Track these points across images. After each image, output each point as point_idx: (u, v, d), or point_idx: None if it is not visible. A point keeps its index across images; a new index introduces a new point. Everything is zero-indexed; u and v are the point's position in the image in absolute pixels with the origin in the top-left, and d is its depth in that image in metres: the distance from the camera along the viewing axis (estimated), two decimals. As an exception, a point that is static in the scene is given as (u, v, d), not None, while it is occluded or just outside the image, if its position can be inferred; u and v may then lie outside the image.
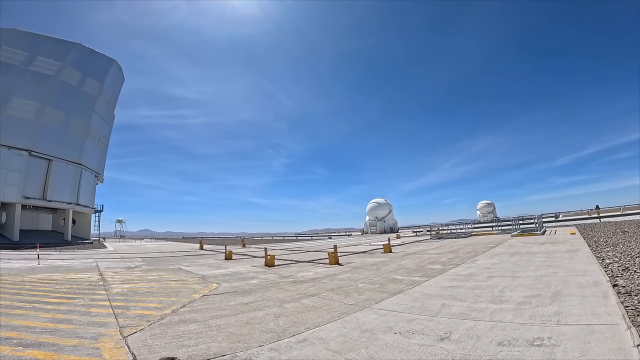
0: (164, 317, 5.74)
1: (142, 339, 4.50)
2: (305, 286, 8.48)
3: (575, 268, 8.10)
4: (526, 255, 11.49)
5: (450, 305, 5.61)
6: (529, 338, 3.83)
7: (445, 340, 3.98)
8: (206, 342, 4.34)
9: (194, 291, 8.30)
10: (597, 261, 8.77)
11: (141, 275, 11.91)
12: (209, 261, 17.36)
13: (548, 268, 8.45)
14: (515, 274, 7.99)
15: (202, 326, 5.13)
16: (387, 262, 12.64)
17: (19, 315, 5.75)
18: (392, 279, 8.74)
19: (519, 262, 9.88)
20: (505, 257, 11.37)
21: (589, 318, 4.33)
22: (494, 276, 8.00)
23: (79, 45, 46.23)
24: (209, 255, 21.54)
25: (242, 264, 15.26)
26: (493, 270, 8.83)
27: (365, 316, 5.36)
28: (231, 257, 18.27)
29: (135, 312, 6.15)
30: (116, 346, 4.22)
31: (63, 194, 41.95)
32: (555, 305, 5.06)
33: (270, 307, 6.36)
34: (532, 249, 13.30)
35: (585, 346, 3.44)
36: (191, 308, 6.44)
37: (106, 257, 21.43)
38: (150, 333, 4.79)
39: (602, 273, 7.15)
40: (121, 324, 5.29)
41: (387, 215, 62.33)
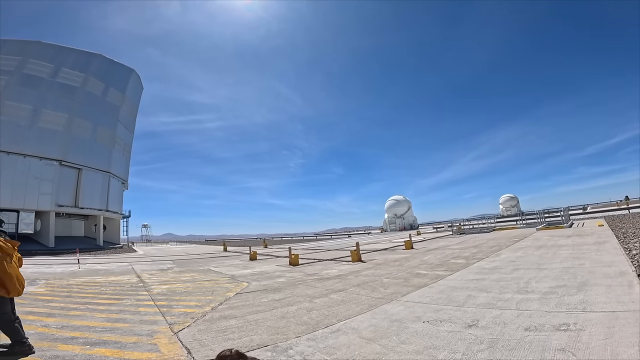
0: (206, 314, 6.20)
1: (191, 334, 4.95)
2: (331, 282, 8.81)
3: (602, 259, 8.06)
4: (552, 248, 11.39)
5: (476, 297, 5.80)
6: (555, 324, 4.01)
7: (473, 327, 4.22)
8: (248, 335, 4.74)
9: (228, 290, 8.78)
10: (624, 252, 8.66)
11: (175, 276, 12.58)
12: (235, 262, 17.98)
13: (574, 260, 8.44)
14: (541, 266, 8.04)
15: (241, 321, 5.54)
16: (410, 258, 12.81)
17: (76, 316, 6.35)
18: (416, 274, 8.95)
19: (545, 255, 9.86)
20: (530, 251, 11.32)
21: (614, 305, 4.45)
22: (519, 269, 8.08)
23: (100, 56, 48.27)
24: (234, 257, 22.23)
25: (267, 263, 15.76)
26: (518, 263, 8.88)
27: (393, 308, 5.64)
28: (256, 257, 18.84)
29: (178, 310, 6.66)
30: (170, 341, 4.68)
31: (93, 201, 44.06)
32: (581, 295, 5.18)
33: (301, 302, 6.73)
34: (558, 241, 13.13)
35: (610, 330, 3.60)
36: (228, 305, 6.89)
37: (138, 260, 22.49)
38: (197, 329, 5.24)
39: (628, 264, 7.12)
40: (169, 321, 5.78)
41: (406, 212, 61.86)
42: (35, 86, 39.62)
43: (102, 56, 48.77)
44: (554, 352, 3.21)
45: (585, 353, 3.10)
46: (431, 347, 3.71)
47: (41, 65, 40.96)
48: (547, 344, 3.43)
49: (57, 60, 42.57)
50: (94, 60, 46.86)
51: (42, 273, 14.22)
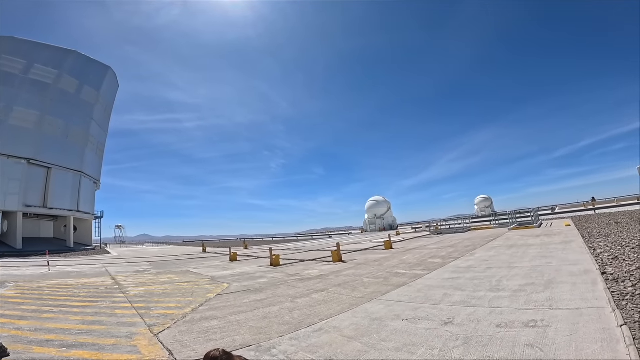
0: (186, 315, 6.14)
1: (172, 336, 4.91)
2: (313, 283, 8.90)
3: (568, 258, 8.57)
4: (522, 247, 11.97)
5: (452, 295, 6.05)
6: (524, 320, 4.27)
7: (449, 324, 4.42)
8: (231, 336, 4.76)
9: (208, 291, 8.70)
10: (589, 251, 9.23)
11: (152, 278, 12.28)
12: (214, 263, 17.74)
13: (543, 259, 8.92)
14: (512, 265, 8.45)
15: (223, 322, 5.54)
16: (389, 258, 13.09)
17: (50, 319, 6.13)
18: (396, 273, 9.18)
19: (516, 254, 10.35)
20: (502, 250, 11.84)
21: (578, 302, 4.76)
22: (491, 267, 8.46)
23: (75, 53, 46.35)
24: (214, 258, 21.90)
25: (247, 264, 15.65)
26: (491, 262, 9.29)
27: (373, 307, 5.80)
28: (236, 258, 18.66)
29: (157, 312, 6.55)
30: (150, 343, 4.62)
31: (63, 201, 42.13)
32: (548, 292, 5.50)
33: (283, 302, 6.78)
34: (528, 241, 13.79)
35: (574, 327, 3.87)
36: (209, 306, 6.84)
37: (112, 262, 21.74)
38: (177, 330, 5.20)
39: (593, 262, 7.61)
40: (148, 323, 5.69)
41: (386, 212, 62.82)
42: (6, 83, 37.53)
43: (78, 53, 46.91)
44: (523, 347, 3.42)
45: (551, 349, 3.32)
46: (410, 344, 3.86)
47: (13, 61, 38.89)
48: (516, 340, 3.65)
49: (31, 56, 40.59)
50: (69, 57, 45.02)
51: (11, 275, 13.52)
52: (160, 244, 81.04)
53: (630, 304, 4.36)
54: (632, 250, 8.29)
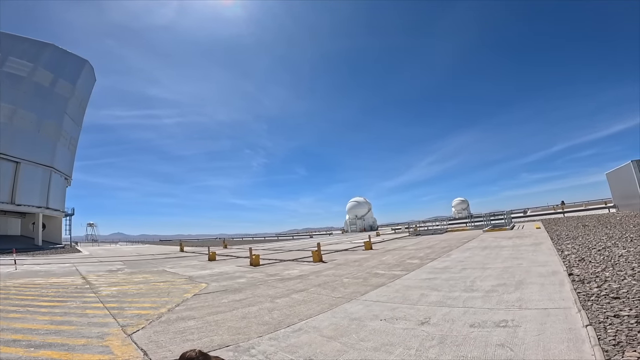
0: (162, 315, 6.00)
1: (146, 336, 4.79)
2: (293, 283, 8.89)
3: (538, 259, 8.97)
4: (495, 249, 12.42)
5: (429, 295, 6.21)
6: (496, 320, 4.43)
7: (425, 324, 4.54)
8: (209, 336, 4.69)
9: (185, 291, 8.52)
10: (557, 253, 9.70)
11: (126, 277, 11.89)
12: (192, 262, 17.38)
13: (514, 260, 9.30)
14: (485, 266, 8.76)
15: (200, 322, 5.45)
16: (369, 259, 13.25)
17: (17, 319, 5.84)
18: (375, 274, 9.32)
19: (489, 255, 10.73)
20: (477, 251, 12.25)
21: (546, 303, 4.99)
22: (466, 268, 8.74)
23: (52, 46, 44.72)
24: (191, 257, 21.46)
25: (226, 264, 15.44)
26: (466, 263, 9.59)
27: (352, 307, 5.86)
28: (215, 258, 18.36)
29: (131, 312, 6.36)
30: (124, 343, 4.49)
31: (32, 197, 40.07)
32: (518, 293, 5.74)
33: (263, 302, 6.74)
34: (500, 243, 14.33)
35: (542, 326, 4.05)
36: (186, 306, 6.71)
37: (83, 261, 20.89)
38: (152, 330, 5.07)
39: (560, 264, 8.00)
40: (121, 323, 5.52)
41: (366, 213, 63.49)
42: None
43: (55, 46, 45.12)
44: (494, 347, 3.55)
45: (521, 348, 3.46)
46: (388, 344, 3.94)
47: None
48: (488, 339, 3.78)
49: (5, 48, 38.68)
50: (45, 50, 43.30)
51: (-31, 275, 12.73)
52: (135, 243, 78.59)
53: (595, 305, 4.58)
54: (597, 253, 8.77)
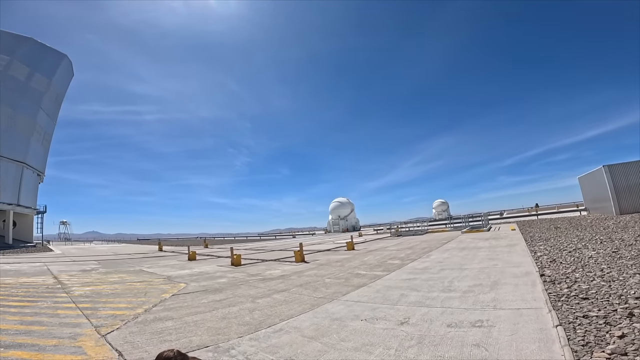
0: (138, 316, 5.85)
1: (121, 337, 4.65)
2: (275, 283, 8.85)
3: (512, 260, 9.30)
4: (473, 250, 12.78)
5: (408, 295, 6.32)
6: (472, 320, 4.55)
7: (405, 324, 4.61)
8: (187, 336, 4.61)
9: (163, 291, 8.32)
10: (530, 254, 10.08)
11: (101, 277, 11.50)
12: (171, 262, 16.99)
13: (490, 261, 9.59)
14: (463, 267, 9.00)
15: (179, 323, 5.34)
16: (351, 259, 13.35)
17: (-19, 320, 5.54)
18: (356, 274, 9.39)
19: (467, 256, 11.03)
20: (455, 252, 12.56)
21: (519, 303, 5.16)
22: (445, 269, 8.95)
23: (31, 40, 43.26)
24: (170, 257, 20.97)
25: (207, 264, 15.18)
26: (444, 264, 9.82)
27: (333, 307, 5.89)
28: (195, 257, 18.02)
29: (105, 312, 6.17)
30: (97, 344, 4.34)
31: (3, 194, 38.16)
32: (493, 293, 5.92)
33: (243, 303, 6.67)
34: (478, 244, 14.74)
35: (515, 326, 4.17)
36: (164, 307, 6.56)
37: (55, 260, 20.04)
38: (128, 331, 4.93)
39: (533, 265, 8.32)
40: (95, 323, 5.34)
41: (349, 214, 63.89)
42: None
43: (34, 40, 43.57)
44: (470, 347, 3.64)
45: (495, 348, 3.56)
46: (368, 344, 3.98)
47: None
48: (465, 339, 3.87)
49: None
50: (23, 44, 41.92)
51: None
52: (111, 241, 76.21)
53: (565, 305, 4.76)
54: (568, 254, 9.17)
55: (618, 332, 3.57)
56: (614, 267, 6.75)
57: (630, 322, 3.83)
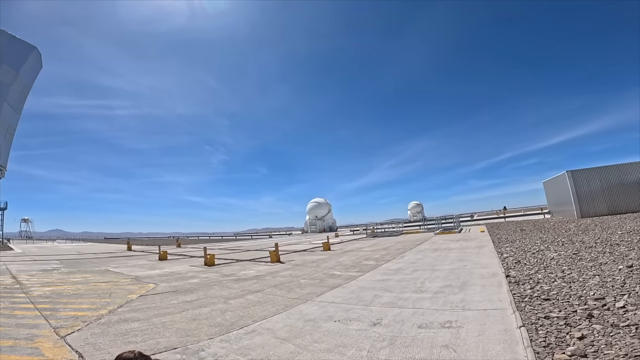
0: (101, 317, 5.59)
1: (82, 338, 4.42)
2: (249, 283, 8.71)
3: (480, 262, 9.64)
4: (444, 251, 13.15)
5: (381, 296, 6.40)
6: (442, 321, 4.63)
7: (377, 325, 4.65)
8: (154, 338, 4.44)
9: (130, 292, 8.00)
10: (497, 255, 10.48)
11: (63, 277, 10.90)
12: (140, 262, 16.37)
13: (460, 262, 9.90)
14: (434, 268, 9.23)
15: (146, 324, 5.14)
16: (327, 259, 13.38)
17: None
18: (331, 275, 9.42)
19: (439, 257, 11.33)
20: (428, 253, 12.87)
21: (486, 304, 5.32)
22: (418, 270, 9.14)
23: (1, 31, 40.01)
24: (140, 257, 20.21)
25: (179, 264, 14.75)
26: (417, 265, 10.04)
27: (307, 308, 5.87)
28: (166, 257, 17.46)
29: (66, 313, 5.86)
30: (56, 345, 4.12)
31: (-47, 188, 35.35)
32: (462, 294, 6.09)
33: (215, 303, 6.52)
34: (449, 245, 15.19)
35: (482, 327, 4.27)
36: (130, 308, 6.30)
37: (14, 259, 18.82)
38: (90, 332, 4.70)
39: (500, 266, 8.64)
40: (54, 325, 5.07)
41: (326, 214, 64.07)
42: None
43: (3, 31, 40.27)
44: (439, 348, 3.70)
45: (463, 349, 3.63)
46: (341, 345, 3.98)
47: None
48: (434, 340, 3.93)
49: None
50: None
51: None
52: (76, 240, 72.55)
53: (529, 306, 4.92)
54: (532, 256, 9.60)
55: (578, 334, 3.67)
56: (575, 269, 7.11)
57: (590, 324, 3.94)
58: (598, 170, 25.41)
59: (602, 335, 3.58)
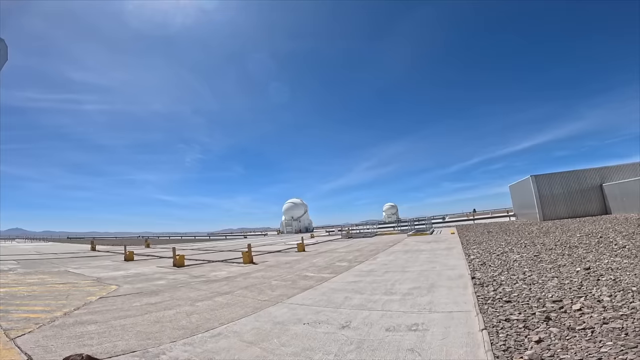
0: (55, 319, 5.29)
1: (33, 340, 4.16)
2: (218, 285, 8.50)
3: (449, 263, 9.90)
4: (416, 252, 13.41)
5: (352, 298, 6.41)
6: (409, 324, 4.64)
7: (346, 328, 4.63)
8: (111, 341, 4.22)
9: (89, 294, 7.59)
10: (465, 257, 10.79)
11: (17, 278, 10.19)
12: (104, 263, 15.62)
13: (430, 263, 10.12)
14: (405, 269, 9.39)
15: (103, 327, 4.90)
16: (300, 261, 13.31)
17: None
18: (304, 276, 9.36)
19: (410, 259, 11.53)
20: (399, 255, 13.08)
21: (451, 306, 5.39)
22: (389, 271, 9.26)
23: None
24: (105, 257, 19.30)
25: (146, 265, 14.19)
26: (389, 267, 10.18)
27: (277, 310, 5.78)
28: (132, 258, 16.75)
29: (18, 315, 5.50)
30: (5, 347, 3.88)
31: None
32: (429, 296, 6.17)
33: (182, 306, 6.30)
34: (421, 247, 15.51)
35: (446, 330, 4.30)
36: (88, 310, 5.98)
37: (-40, 257, 17.38)
38: (41, 335, 4.43)
39: (466, 267, 8.88)
40: (5, 327, 4.77)
41: (302, 215, 63.93)
42: None
43: None
44: (405, 352, 3.69)
45: (427, 353, 3.63)
46: (308, 349, 3.93)
47: None
48: (401, 344, 3.93)
49: None
50: None
51: None
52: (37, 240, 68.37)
53: (491, 308, 4.97)
54: (497, 257, 9.93)
55: (535, 337, 3.72)
56: (535, 271, 7.40)
57: (547, 327, 4.03)
58: (559, 175, 26.92)
59: (558, 338, 3.65)
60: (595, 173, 25.97)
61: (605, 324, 3.90)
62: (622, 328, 3.71)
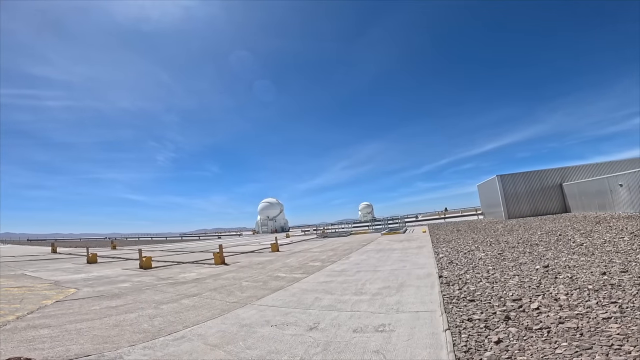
0: (7, 323, 5.00)
1: (-22, 350, 3.82)
2: (186, 287, 8.25)
3: (419, 262, 10.10)
4: (388, 251, 13.58)
5: (322, 299, 6.40)
6: (376, 325, 4.62)
7: (314, 330, 4.58)
8: (64, 345, 4.00)
9: (45, 297, 7.15)
10: (434, 256, 11.03)
11: (-37, 282, 9.41)
12: (65, 265, 14.77)
13: (400, 262, 10.28)
14: (377, 269, 9.49)
15: (57, 330, 4.64)
16: (274, 261, 13.17)
17: None
18: (276, 277, 9.27)
19: (381, 258, 11.67)
20: (372, 254, 13.23)
21: (418, 306, 5.41)
22: (361, 271, 9.34)
23: None
24: (66, 260, 18.26)
25: (110, 267, 13.56)
26: (361, 266, 10.26)
27: (245, 312, 5.68)
28: (95, 260, 15.94)
29: (-41, 325, 5.02)
30: (-61, 361, 3.50)
31: None
32: (398, 295, 6.21)
33: (144, 309, 6.06)
34: (393, 245, 15.73)
35: (412, 331, 4.30)
36: (42, 314, 5.65)
37: None
38: (-12, 343, 4.08)
39: (435, 266, 9.06)
40: (-58, 338, 4.31)
41: (278, 214, 63.48)
42: None
43: None
44: (370, 353, 3.67)
45: (392, 354, 3.61)
46: (274, 352, 3.86)
47: None
48: (367, 345, 3.91)
49: None
50: None
51: None
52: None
53: (455, 308, 5.00)
54: (464, 256, 10.17)
55: (495, 337, 3.73)
56: (498, 269, 7.60)
57: (507, 326, 4.06)
58: (523, 175, 28.34)
59: (516, 339, 3.67)
60: (556, 173, 27.53)
61: (561, 323, 3.97)
62: (578, 328, 3.78)
